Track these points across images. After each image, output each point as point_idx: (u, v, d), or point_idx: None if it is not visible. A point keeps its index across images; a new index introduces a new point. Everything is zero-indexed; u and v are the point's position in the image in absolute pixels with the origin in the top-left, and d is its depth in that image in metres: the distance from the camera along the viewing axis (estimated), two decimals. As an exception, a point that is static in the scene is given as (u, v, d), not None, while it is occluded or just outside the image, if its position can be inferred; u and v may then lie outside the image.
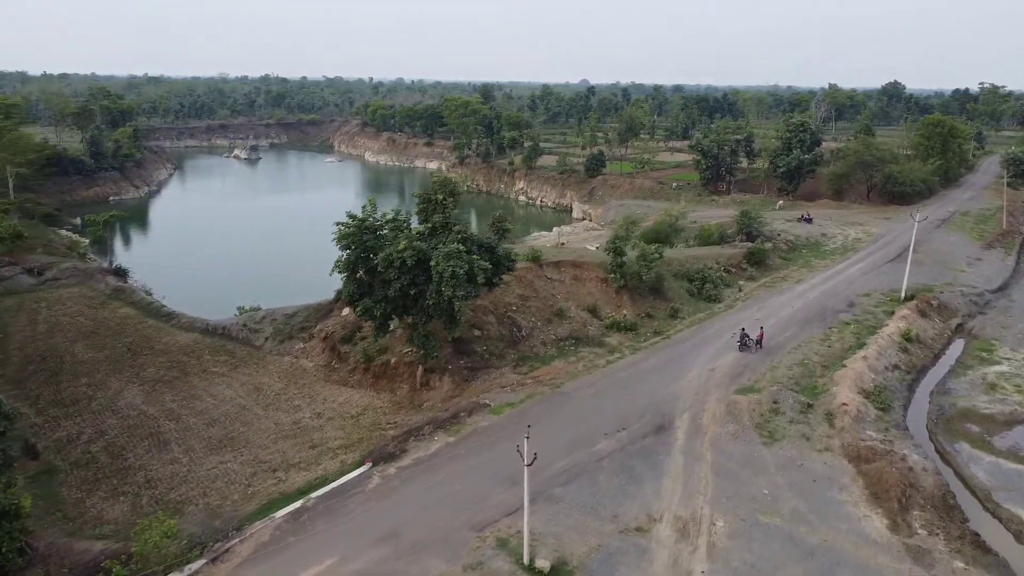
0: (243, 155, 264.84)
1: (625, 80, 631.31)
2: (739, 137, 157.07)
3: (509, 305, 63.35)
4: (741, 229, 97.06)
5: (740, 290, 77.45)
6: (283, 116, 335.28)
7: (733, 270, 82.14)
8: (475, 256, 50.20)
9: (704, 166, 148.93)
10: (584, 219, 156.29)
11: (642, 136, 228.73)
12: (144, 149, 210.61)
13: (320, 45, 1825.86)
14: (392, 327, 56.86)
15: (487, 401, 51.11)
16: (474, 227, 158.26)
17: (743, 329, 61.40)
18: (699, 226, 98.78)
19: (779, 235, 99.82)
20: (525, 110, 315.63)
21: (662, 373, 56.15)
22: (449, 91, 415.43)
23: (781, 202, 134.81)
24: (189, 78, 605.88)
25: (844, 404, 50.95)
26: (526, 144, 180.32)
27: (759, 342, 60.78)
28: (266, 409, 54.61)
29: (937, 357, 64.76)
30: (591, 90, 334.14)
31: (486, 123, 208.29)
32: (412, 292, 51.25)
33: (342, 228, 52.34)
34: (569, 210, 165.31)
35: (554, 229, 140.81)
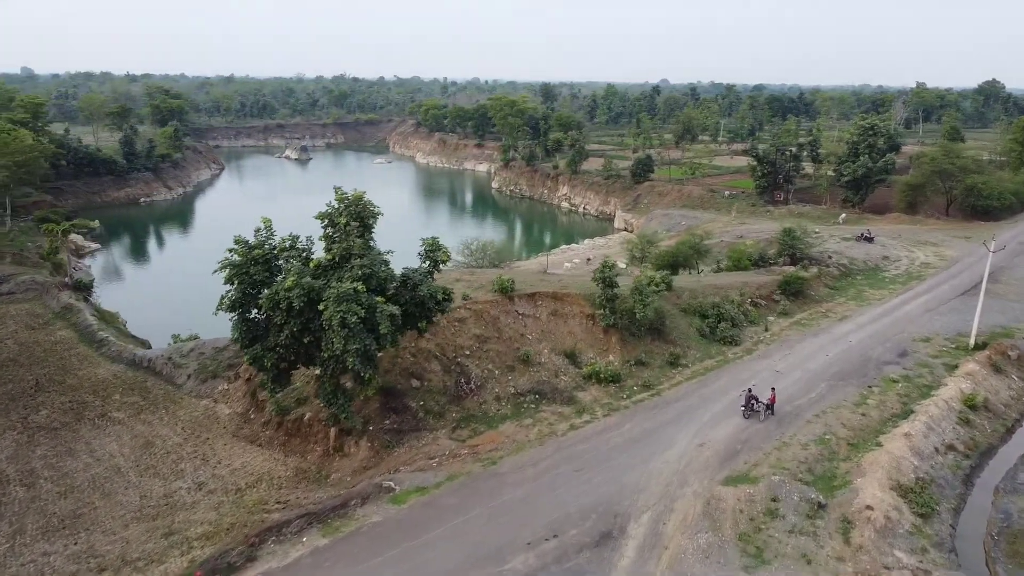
0: (293, 155, 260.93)
1: (705, 80, 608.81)
2: (802, 141, 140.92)
3: (461, 349, 51.98)
4: (783, 250, 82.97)
5: (766, 329, 63.91)
6: (340, 116, 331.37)
7: (763, 303, 68.54)
8: (380, 299, 39.09)
9: (760, 173, 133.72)
10: (625, 229, 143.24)
11: (702, 139, 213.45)
12: (187, 149, 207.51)
13: (399, 45, 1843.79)
14: (294, 381, 46.42)
15: (391, 483, 39.95)
16: (518, 235, 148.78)
17: (750, 389, 48.35)
18: (731, 245, 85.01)
19: (830, 258, 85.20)
20: (585, 110, 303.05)
21: (635, 448, 43.84)
22: (517, 91, 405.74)
23: (844, 215, 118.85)
24: (272, 78, 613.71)
25: (868, 507, 37.70)
26: (569, 146, 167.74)
27: (770, 407, 47.70)
28: (143, 474, 44.90)
29: (1011, 432, 50.17)
30: (656, 89, 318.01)
31: (533, 124, 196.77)
32: (306, 340, 40.57)
33: (227, 258, 42.08)
34: (612, 219, 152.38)
35: (584, 241, 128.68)
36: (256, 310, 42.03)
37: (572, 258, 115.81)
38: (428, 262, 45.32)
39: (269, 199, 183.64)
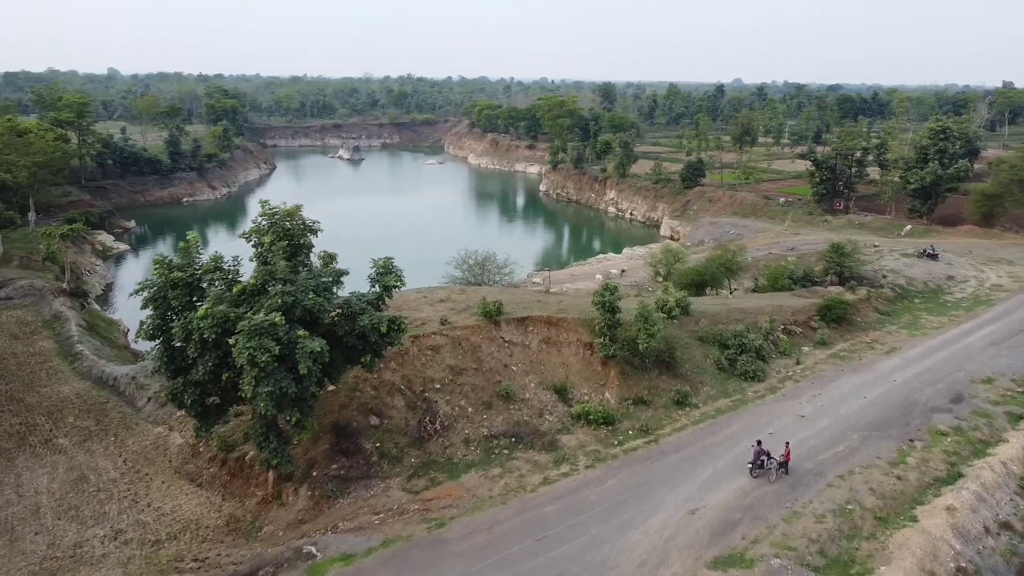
0: (346, 155, 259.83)
1: (780, 79, 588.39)
2: (866, 144, 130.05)
3: (430, 382, 45.86)
4: (830, 268, 74.30)
5: (798, 362, 55.81)
6: (397, 116, 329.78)
7: (798, 330, 60.35)
8: (303, 332, 33.29)
9: (818, 179, 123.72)
10: (671, 237, 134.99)
11: (764, 141, 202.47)
12: (237, 149, 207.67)
13: (467, 45, 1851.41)
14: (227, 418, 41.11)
15: (313, 549, 34.08)
16: (557, 242, 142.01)
17: (760, 442, 40.79)
18: (771, 261, 76.69)
19: (884, 277, 76.04)
20: (645, 111, 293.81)
21: (613, 512, 36.97)
22: (581, 91, 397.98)
23: (909, 227, 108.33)
24: (341, 78, 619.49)
25: (889, 609, 30.11)
26: (618, 148, 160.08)
27: (784, 465, 40.12)
28: (61, 516, 40.22)
29: (1085, 504, 41.27)
30: (720, 89, 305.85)
31: (583, 125, 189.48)
32: (225, 376, 35.13)
33: (148, 279, 37.02)
34: (659, 225, 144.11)
35: (624, 251, 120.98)
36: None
37: (608, 268, 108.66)
38: (378, 287, 39.29)
39: (311, 200, 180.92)
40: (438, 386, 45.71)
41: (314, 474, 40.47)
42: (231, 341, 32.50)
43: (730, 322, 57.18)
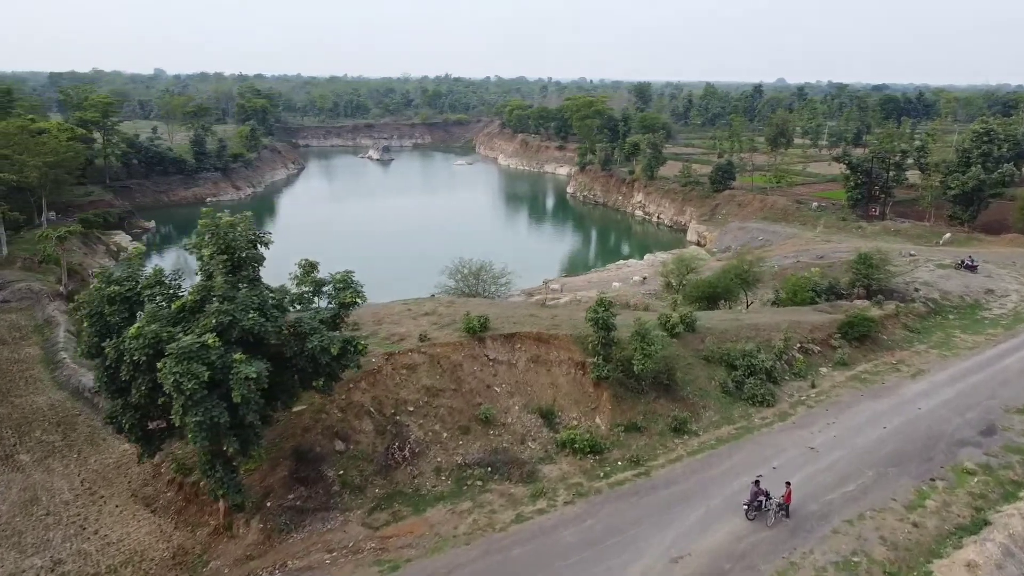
0: (376, 156, 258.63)
1: (823, 79, 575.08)
2: (906, 147, 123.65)
3: (403, 404, 42.51)
4: (857, 280, 69.37)
5: (813, 385, 51.29)
6: (429, 116, 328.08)
7: (816, 349, 55.74)
8: (239, 356, 30.18)
9: (853, 183, 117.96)
10: (698, 243, 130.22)
11: (801, 143, 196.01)
12: (264, 148, 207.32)
13: (507, 47, 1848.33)
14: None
15: (248, 595, 31.01)
16: (579, 246, 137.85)
17: (758, 480, 36.62)
18: (792, 272, 72.00)
19: (917, 290, 70.83)
20: (680, 111, 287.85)
21: (588, 557, 33.21)
22: (619, 91, 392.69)
23: (948, 235, 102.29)
24: (380, 78, 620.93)
25: None
26: (647, 150, 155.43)
27: (784, 507, 35.95)
28: (2, 543, 37.78)
29: None
30: (758, 88, 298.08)
31: (612, 125, 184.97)
32: (160, 401, 32.18)
33: (85, 293, 34.33)
34: (687, 230, 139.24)
35: (647, 257, 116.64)
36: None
37: (630, 275, 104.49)
38: (333, 303, 36.09)
39: (335, 200, 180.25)
40: (411, 408, 42.35)
41: (268, 504, 37.42)
42: (159, 365, 29.53)
43: (740, 340, 52.88)
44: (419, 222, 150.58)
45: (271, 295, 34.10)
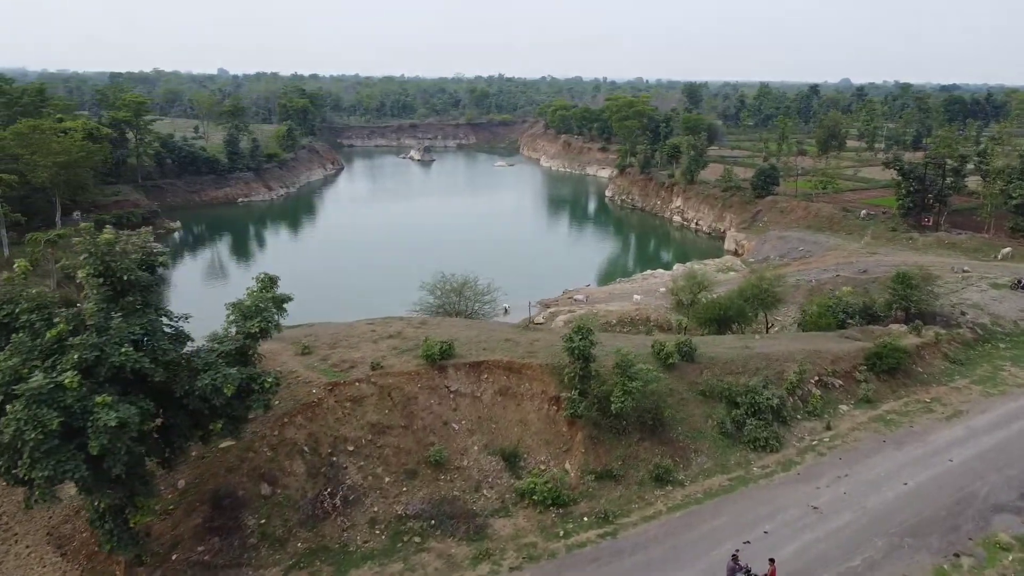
0: (417, 156, 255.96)
1: (890, 79, 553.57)
2: (965, 152, 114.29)
3: (343, 442, 37.67)
4: (894, 301, 62.17)
5: (828, 427, 44.80)
6: (474, 116, 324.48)
7: (837, 383, 49.13)
8: (100, 399, 25.69)
9: (904, 191, 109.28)
10: (736, 252, 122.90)
11: (854, 146, 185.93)
12: (302, 148, 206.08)
13: (566, 47, 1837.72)
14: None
15: None
16: (610, 253, 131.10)
17: (735, 556, 30.71)
18: (837, 286, 65.13)
19: (963, 314, 63.27)
20: (731, 111, 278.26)
21: (520, 643, 27.92)
22: (672, 90, 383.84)
23: (1008, 249, 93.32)
24: (436, 78, 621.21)
25: None
26: (688, 152, 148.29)
27: (766, 587, 30.04)
28: None
29: None
30: (815, 88, 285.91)
31: (654, 126, 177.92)
32: (30, 444, 27.93)
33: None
34: (725, 237, 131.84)
35: (675, 267, 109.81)
36: None
37: (656, 287, 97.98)
38: (237, 331, 31.43)
39: (365, 202, 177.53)
40: (352, 448, 37.50)
41: (175, 557, 32.98)
42: (8, 408, 25.28)
43: (747, 372, 46.69)
44: (446, 225, 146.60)
45: (167, 323, 29.62)
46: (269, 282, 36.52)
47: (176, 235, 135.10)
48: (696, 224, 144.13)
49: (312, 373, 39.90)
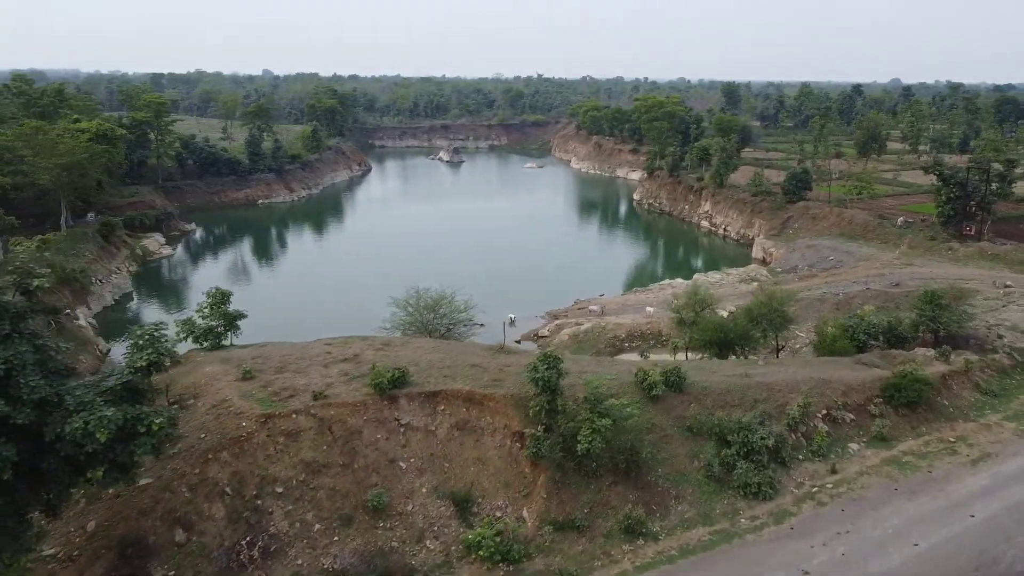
0: (446, 158, 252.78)
1: (942, 79, 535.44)
2: (1013, 156, 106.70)
3: (271, 483, 33.75)
4: (921, 322, 56.41)
5: (834, 470, 39.60)
6: (506, 117, 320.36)
7: (849, 417, 43.83)
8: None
9: (944, 197, 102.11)
10: (763, 260, 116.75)
11: (897, 148, 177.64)
12: (328, 149, 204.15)
13: (608, 48, 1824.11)
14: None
15: None
16: (631, 260, 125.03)
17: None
18: (867, 300, 59.66)
19: (1000, 337, 57.13)
20: (770, 112, 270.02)
21: None
22: (712, 90, 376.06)
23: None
24: (476, 79, 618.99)
25: None
26: (718, 154, 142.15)
27: None
28: None
29: None
30: (857, 88, 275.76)
31: (684, 128, 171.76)
32: None
33: None
34: (753, 245, 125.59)
35: (695, 276, 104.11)
36: None
37: (672, 299, 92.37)
38: (132, 368, 27.72)
39: (388, 205, 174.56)
40: (281, 489, 33.57)
41: (62, 615, 29.43)
42: None
43: (744, 404, 41.71)
44: (463, 229, 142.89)
45: (38, 355, 25.97)
46: (221, 298, 32.99)
47: (191, 236, 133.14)
48: (724, 230, 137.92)
49: (246, 403, 36.08)
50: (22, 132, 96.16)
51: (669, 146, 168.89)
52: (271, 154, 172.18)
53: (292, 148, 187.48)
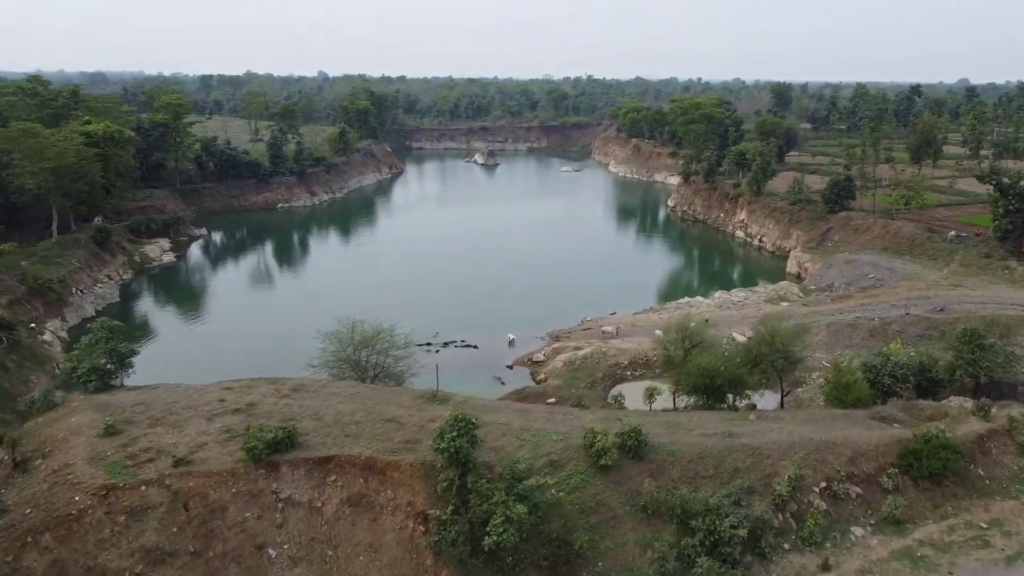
0: (481, 160, 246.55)
1: (1014, 80, 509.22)
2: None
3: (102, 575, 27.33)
4: (959, 365, 47.54)
5: (826, 566, 31.48)
6: (547, 118, 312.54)
7: (854, 492, 35.59)
8: None
9: (1002, 209, 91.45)
10: (798, 275, 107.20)
11: (956, 153, 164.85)
12: (356, 152, 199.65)
13: (663, 47, 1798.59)
14: None
15: None
16: (653, 274, 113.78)
17: None
18: (892, 329, 51.13)
19: (1056, 385, 47.83)
20: (821, 114, 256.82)
21: None
22: (761, 91, 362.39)
23: None
24: (527, 79, 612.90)
25: None
26: (753, 159, 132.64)
27: None
28: None
29: None
30: (916, 89, 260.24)
31: (723, 131, 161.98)
32: None
33: None
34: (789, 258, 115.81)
35: (717, 294, 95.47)
36: None
37: (689, 318, 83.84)
38: None
39: (410, 210, 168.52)
40: (107, 587, 27.14)
41: None
42: None
43: (720, 475, 33.91)
44: (481, 234, 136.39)
45: None
46: (106, 334, 27.01)
47: (200, 242, 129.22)
48: (760, 241, 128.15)
49: (92, 468, 29.88)
50: (8, 135, 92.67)
51: (705, 150, 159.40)
52: (293, 157, 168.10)
53: (319, 150, 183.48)
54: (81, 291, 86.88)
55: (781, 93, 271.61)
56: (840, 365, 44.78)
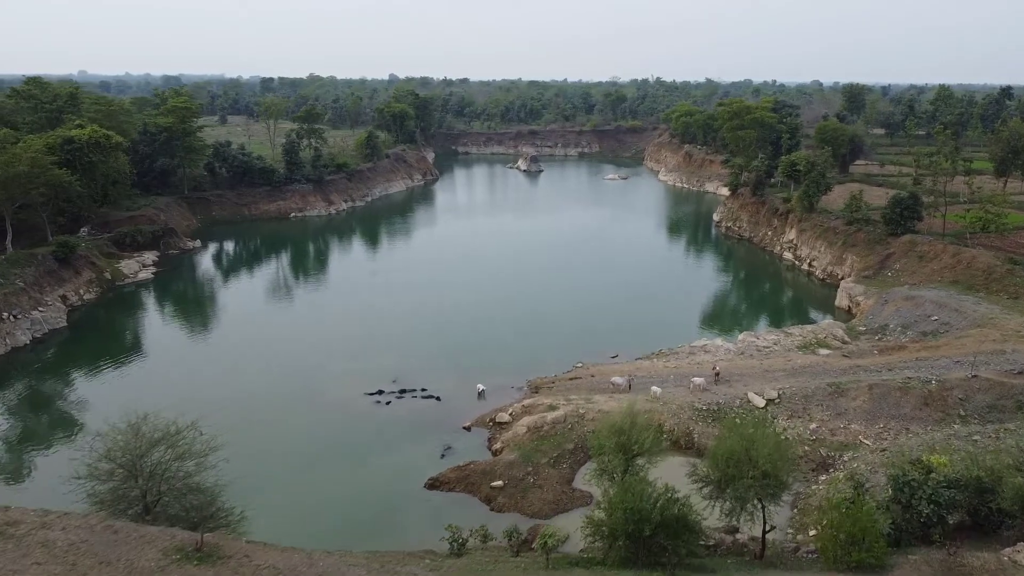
0: (523, 167, 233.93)
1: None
2: None
3: None
4: (1032, 493, 32.39)
5: None
6: (599, 123, 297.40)
7: None
8: None
9: (1105, 239, 73.79)
10: (848, 310, 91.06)
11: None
12: (386, 157, 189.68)
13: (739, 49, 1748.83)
14: None
15: None
16: (716, 308, 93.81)
17: None
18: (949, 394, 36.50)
19: None
20: (897, 119, 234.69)
21: None
22: (834, 93, 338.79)
23: None
24: (594, 82, 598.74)
25: None
26: (804, 171, 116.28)
27: None
28: None
29: None
30: (1006, 91, 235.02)
31: (775, 138, 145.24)
32: None
33: None
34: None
35: (741, 336, 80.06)
36: None
37: (702, 367, 69.14)
38: None
39: (431, 224, 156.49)
40: None
41: None
42: None
43: None
44: (490, 256, 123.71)
45: None
46: None
47: (191, 255, 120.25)
48: (809, 265, 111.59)
49: None
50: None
51: (755, 159, 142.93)
52: (311, 163, 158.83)
53: (343, 156, 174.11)
54: (15, 316, 77.79)
55: (854, 95, 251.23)
56: (845, 500, 30.19)
